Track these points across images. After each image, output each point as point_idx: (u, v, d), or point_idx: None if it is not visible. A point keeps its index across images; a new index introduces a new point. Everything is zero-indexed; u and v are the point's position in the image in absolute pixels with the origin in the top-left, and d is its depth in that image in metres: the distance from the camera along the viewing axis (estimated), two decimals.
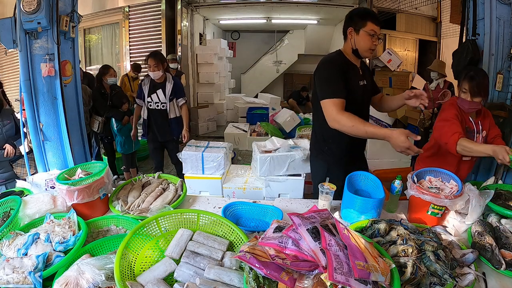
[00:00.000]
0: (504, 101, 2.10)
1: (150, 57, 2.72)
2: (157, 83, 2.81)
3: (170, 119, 2.90)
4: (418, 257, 0.98)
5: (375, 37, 1.47)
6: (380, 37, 1.49)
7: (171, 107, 2.86)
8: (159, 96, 2.82)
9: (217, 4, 5.93)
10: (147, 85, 2.82)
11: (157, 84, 2.81)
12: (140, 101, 2.91)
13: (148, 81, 2.83)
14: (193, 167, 2.77)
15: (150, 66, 2.71)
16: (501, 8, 2.01)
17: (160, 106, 2.84)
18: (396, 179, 1.46)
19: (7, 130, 2.49)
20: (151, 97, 2.82)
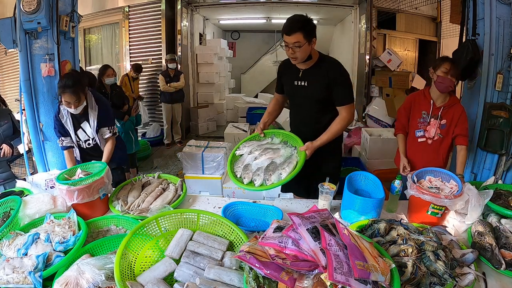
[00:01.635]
0: (504, 101, 2.10)
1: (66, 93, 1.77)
2: (77, 115, 1.94)
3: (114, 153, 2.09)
4: (418, 257, 0.98)
5: (287, 48, 1.53)
6: (290, 46, 1.52)
7: (101, 140, 2.06)
8: (86, 130, 2.01)
9: (217, 4, 5.93)
10: (67, 118, 1.93)
11: (79, 116, 1.96)
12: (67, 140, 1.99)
13: (66, 113, 1.92)
14: (193, 167, 2.78)
15: (68, 103, 1.80)
16: (501, 8, 2.01)
17: (91, 142, 2.04)
18: (396, 179, 1.46)
19: (4, 130, 2.49)
20: (77, 134, 1.99)
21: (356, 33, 5.64)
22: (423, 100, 1.93)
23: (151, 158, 4.72)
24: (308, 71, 1.65)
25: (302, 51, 1.52)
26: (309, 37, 1.50)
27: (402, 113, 2.02)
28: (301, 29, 1.48)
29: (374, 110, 5.05)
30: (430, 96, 1.91)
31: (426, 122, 1.91)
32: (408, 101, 2.01)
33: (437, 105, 1.88)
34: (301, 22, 1.50)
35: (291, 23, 1.50)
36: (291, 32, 1.49)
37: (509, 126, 2.04)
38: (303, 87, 1.68)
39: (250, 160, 1.57)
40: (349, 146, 4.41)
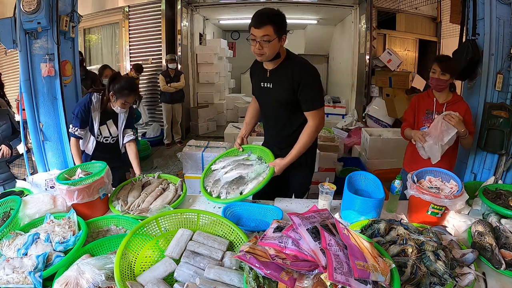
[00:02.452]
0: (504, 101, 2.10)
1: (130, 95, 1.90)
2: (108, 111, 2.00)
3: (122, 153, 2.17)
4: (418, 257, 0.98)
5: (254, 42, 1.39)
6: (258, 40, 1.36)
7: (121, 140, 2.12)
8: (110, 128, 2.05)
9: (217, 4, 5.93)
10: (97, 111, 1.96)
11: (108, 112, 2.01)
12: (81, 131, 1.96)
13: (98, 105, 1.96)
14: (193, 167, 2.78)
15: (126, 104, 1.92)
16: (501, 8, 2.01)
17: (110, 140, 2.08)
18: (396, 179, 1.46)
19: (3, 130, 2.49)
20: (100, 129, 2.01)
21: (356, 33, 5.64)
22: (427, 99, 1.99)
23: (151, 158, 4.72)
24: (275, 72, 1.52)
25: (270, 47, 1.38)
26: (279, 32, 1.38)
27: (409, 113, 2.07)
28: (272, 22, 1.35)
29: (374, 110, 5.05)
30: (433, 94, 1.97)
31: (430, 119, 1.94)
32: (413, 102, 2.06)
33: (440, 102, 1.93)
34: (272, 15, 1.37)
35: (261, 15, 1.37)
36: (260, 24, 1.35)
37: (509, 126, 2.04)
38: (268, 89, 1.55)
39: (221, 175, 1.54)
40: (349, 146, 4.41)
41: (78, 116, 1.93)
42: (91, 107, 1.94)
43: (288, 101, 1.51)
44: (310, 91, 1.47)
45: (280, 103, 1.55)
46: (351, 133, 4.59)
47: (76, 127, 1.94)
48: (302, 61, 1.52)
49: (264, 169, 1.58)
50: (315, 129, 1.52)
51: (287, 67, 1.49)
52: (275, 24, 1.36)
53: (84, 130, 1.98)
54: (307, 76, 1.47)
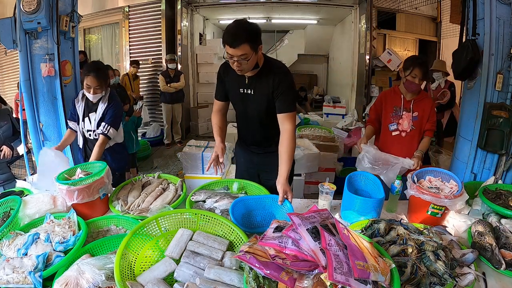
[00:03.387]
0: (504, 101, 2.10)
1: (91, 75, 1.88)
2: (90, 102, 2.00)
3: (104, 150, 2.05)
4: (418, 257, 0.98)
5: (232, 60, 1.37)
6: (236, 59, 1.34)
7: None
8: (91, 120, 2.03)
9: (217, 4, 5.93)
10: (81, 103, 2.00)
11: (90, 104, 2.01)
12: (72, 123, 2.05)
13: (81, 97, 2.01)
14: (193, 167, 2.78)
15: (89, 87, 1.90)
16: (501, 8, 2.01)
17: (93, 135, 2.05)
18: (396, 179, 1.46)
19: (4, 131, 2.49)
20: (84, 121, 2.03)
21: (356, 33, 5.64)
22: (394, 95, 2.03)
23: (151, 158, 4.72)
24: (255, 78, 1.50)
25: (249, 63, 1.37)
26: (255, 46, 1.35)
27: (372, 109, 2.12)
28: (247, 40, 1.31)
29: None
30: (400, 91, 2.01)
31: (398, 116, 1.98)
32: (378, 99, 2.10)
33: (407, 99, 1.97)
34: (247, 32, 1.32)
35: (235, 34, 1.32)
36: (235, 43, 1.30)
37: (509, 126, 2.04)
38: (249, 95, 1.55)
39: (211, 204, 1.46)
40: (349, 146, 4.41)
41: (70, 109, 2.06)
42: (75, 99, 2.03)
43: (270, 106, 1.53)
44: (285, 96, 1.48)
45: (261, 108, 1.56)
46: (351, 133, 4.59)
47: (69, 119, 2.07)
48: (279, 65, 1.53)
49: None
50: (294, 132, 1.52)
51: (267, 73, 1.49)
52: (250, 41, 1.32)
53: (74, 124, 2.06)
54: (285, 80, 1.49)
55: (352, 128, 4.85)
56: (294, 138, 1.52)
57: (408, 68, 1.91)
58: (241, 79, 1.53)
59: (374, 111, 2.10)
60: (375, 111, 2.09)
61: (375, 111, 2.09)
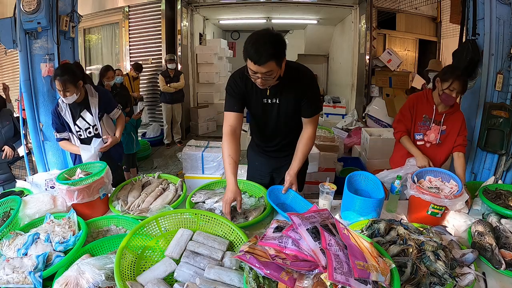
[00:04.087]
0: (504, 101, 2.10)
1: (57, 80, 1.85)
2: (76, 104, 1.98)
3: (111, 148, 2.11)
4: (418, 257, 0.98)
5: (255, 76, 1.28)
6: (259, 76, 1.25)
7: (102, 128, 2.10)
8: (86, 118, 2.03)
9: (217, 4, 5.93)
10: (66, 110, 1.97)
11: (77, 105, 1.99)
12: (63, 134, 2.04)
13: (65, 105, 1.97)
14: (193, 167, 2.78)
15: (60, 90, 1.87)
16: (501, 8, 2.01)
17: (93, 131, 2.06)
18: (396, 179, 1.46)
19: (6, 131, 2.49)
20: (77, 124, 2.02)
21: (356, 33, 5.64)
22: (426, 103, 1.88)
23: (151, 158, 4.72)
24: (278, 87, 1.42)
25: (274, 78, 1.30)
26: (281, 61, 1.27)
27: (406, 115, 1.93)
28: (274, 56, 1.21)
29: (374, 110, 5.06)
30: (433, 100, 1.86)
31: (426, 126, 1.87)
32: (411, 103, 1.93)
33: (439, 111, 1.85)
34: (273, 46, 1.21)
35: (261, 49, 1.20)
36: (261, 61, 1.21)
37: (509, 126, 2.04)
38: (274, 105, 1.47)
39: (211, 204, 1.45)
40: (349, 146, 4.42)
41: (53, 123, 2.01)
42: (60, 110, 1.97)
43: (295, 110, 1.49)
44: (313, 100, 1.47)
45: (287, 116, 1.51)
46: (351, 133, 4.59)
47: (56, 132, 2.03)
48: (303, 70, 1.46)
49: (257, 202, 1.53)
50: (313, 136, 1.52)
51: (291, 80, 1.41)
52: (277, 57, 1.23)
53: (64, 133, 2.04)
54: (313, 85, 1.47)
55: (352, 128, 4.86)
56: (314, 139, 1.54)
57: (447, 80, 1.73)
58: (263, 89, 1.43)
59: (408, 118, 1.91)
60: (409, 118, 1.91)
61: (409, 118, 1.91)
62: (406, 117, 1.93)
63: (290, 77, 1.40)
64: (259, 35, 1.23)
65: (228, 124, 1.48)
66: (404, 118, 1.94)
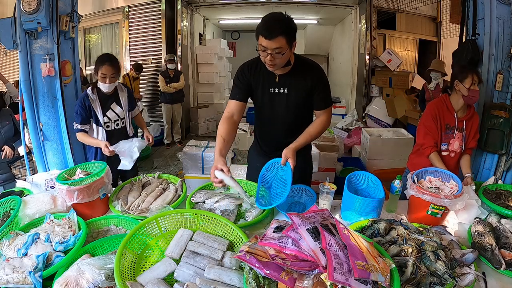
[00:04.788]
0: (504, 101, 2.11)
1: (106, 65, 1.93)
2: (107, 95, 2.06)
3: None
4: (418, 257, 0.98)
5: (265, 53, 1.30)
6: (269, 52, 1.27)
7: (128, 121, 2.20)
8: (115, 110, 2.10)
9: (217, 4, 5.93)
10: (96, 101, 2.02)
11: (108, 97, 2.07)
12: (85, 126, 2.04)
13: (95, 97, 2.02)
14: (193, 167, 2.78)
15: (105, 76, 1.94)
16: (501, 8, 2.01)
17: (120, 123, 2.13)
18: (396, 179, 1.46)
19: (6, 131, 2.49)
20: (107, 115, 2.06)
21: (356, 33, 5.65)
22: (447, 112, 1.82)
23: (151, 158, 4.72)
24: (287, 77, 1.45)
25: (283, 58, 1.32)
26: (291, 41, 1.30)
27: (432, 127, 1.82)
28: (284, 32, 1.26)
29: (374, 110, 5.06)
30: (452, 107, 1.81)
31: (450, 135, 1.82)
32: (433, 112, 1.83)
33: (458, 117, 1.82)
34: (284, 24, 1.27)
35: (273, 25, 1.26)
36: (272, 35, 1.25)
37: (509, 126, 2.04)
38: (282, 94, 1.49)
39: (211, 204, 1.45)
40: (349, 146, 4.42)
41: (78, 113, 2.00)
42: (89, 100, 2.00)
43: (304, 103, 1.50)
44: (324, 92, 1.50)
45: (296, 107, 1.51)
46: (351, 133, 4.59)
47: (77, 123, 2.01)
48: (313, 64, 1.50)
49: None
50: (326, 125, 1.52)
51: (301, 70, 1.44)
52: (287, 34, 1.27)
53: (86, 126, 2.04)
54: (322, 77, 1.49)
55: (352, 128, 4.86)
56: (325, 127, 1.52)
57: (467, 77, 1.70)
58: (271, 78, 1.46)
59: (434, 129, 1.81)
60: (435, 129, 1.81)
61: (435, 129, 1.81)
62: (432, 129, 1.82)
63: (300, 67, 1.43)
64: (272, 14, 1.31)
65: (227, 110, 1.54)
66: (431, 130, 1.83)
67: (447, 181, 1.42)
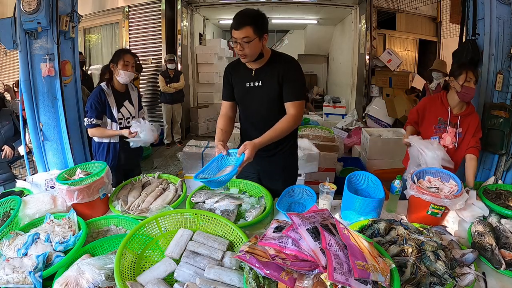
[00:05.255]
0: (504, 101, 2.11)
1: (128, 53, 2.03)
2: (120, 93, 2.08)
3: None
4: (418, 257, 0.98)
5: (236, 44, 1.41)
6: (239, 42, 1.39)
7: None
8: (128, 109, 2.11)
9: (217, 4, 5.93)
10: (111, 96, 2.02)
11: (121, 94, 2.09)
12: (100, 121, 2.01)
13: (110, 91, 2.02)
14: (193, 167, 2.78)
15: (127, 64, 2.01)
16: (501, 8, 2.01)
17: (131, 122, 2.12)
18: (396, 179, 1.46)
19: (6, 131, 2.49)
20: (121, 111, 2.06)
21: (356, 33, 5.65)
22: (440, 105, 1.86)
23: (151, 158, 4.72)
24: (262, 70, 1.53)
25: (251, 47, 1.40)
26: (259, 32, 1.39)
27: (413, 112, 1.97)
28: (251, 23, 1.37)
29: (374, 110, 5.06)
30: (447, 102, 1.84)
31: (442, 129, 1.84)
32: (422, 105, 1.94)
33: (454, 113, 1.83)
34: (252, 16, 1.40)
35: (240, 17, 1.39)
36: (239, 26, 1.37)
37: (509, 126, 2.04)
38: (257, 88, 1.55)
39: (211, 204, 1.45)
40: (349, 146, 4.42)
41: (93, 108, 1.98)
42: (105, 94, 2.01)
43: (278, 96, 1.52)
44: (293, 83, 1.50)
45: (270, 99, 1.54)
46: (351, 133, 4.59)
47: (92, 118, 1.98)
48: (288, 57, 1.56)
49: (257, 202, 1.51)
50: (295, 119, 1.49)
51: (274, 64, 1.52)
52: (254, 24, 1.37)
53: (100, 121, 2.03)
54: (292, 68, 1.51)
55: (352, 128, 4.86)
56: (292, 123, 1.48)
57: (461, 73, 1.74)
58: (247, 73, 1.54)
59: (415, 114, 1.95)
60: (416, 114, 1.95)
61: (416, 114, 1.95)
62: (414, 114, 1.96)
63: (275, 61, 1.52)
64: (243, 10, 1.41)
65: (221, 110, 1.70)
66: (411, 115, 1.98)
67: (446, 181, 1.42)
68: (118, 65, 2.01)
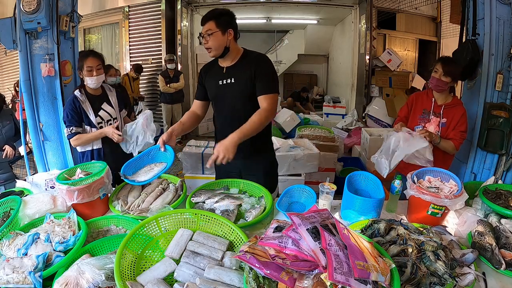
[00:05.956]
0: (504, 101, 2.10)
1: (90, 57, 1.87)
2: (95, 96, 1.97)
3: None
4: (418, 257, 0.98)
5: (203, 38, 1.54)
6: (203, 35, 1.53)
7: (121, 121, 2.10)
8: (107, 110, 2.00)
9: (217, 4, 5.93)
10: (86, 102, 1.92)
11: (97, 97, 1.98)
12: (79, 128, 1.91)
13: (84, 97, 1.92)
14: (193, 167, 2.78)
15: (91, 68, 1.86)
16: (501, 8, 2.01)
17: (113, 123, 2.02)
18: (396, 179, 1.46)
19: (7, 131, 2.50)
20: (99, 115, 1.96)
21: (356, 33, 5.65)
22: (425, 98, 1.97)
23: None
24: (233, 68, 1.60)
25: (214, 40, 1.51)
26: (222, 26, 1.50)
27: (403, 109, 2.08)
28: (213, 18, 1.50)
29: (374, 110, 5.06)
30: (432, 95, 1.94)
31: (426, 119, 1.93)
32: (410, 99, 2.05)
33: (438, 103, 1.90)
34: (215, 12, 1.52)
35: (206, 14, 1.53)
36: (204, 21, 1.52)
37: (509, 126, 2.04)
38: (229, 85, 1.60)
39: (211, 204, 1.45)
40: (349, 146, 4.42)
41: (69, 117, 1.89)
42: (79, 102, 1.90)
43: (251, 92, 1.56)
44: (264, 77, 1.55)
45: (243, 97, 1.58)
46: (351, 133, 4.59)
47: (71, 127, 1.89)
48: (259, 54, 1.63)
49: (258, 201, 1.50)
50: (267, 114, 1.50)
51: (245, 61, 1.58)
52: (216, 19, 1.49)
53: (81, 128, 1.93)
54: (263, 64, 1.57)
55: (352, 128, 4.86)
56: (265, 117, 1.49)
57: (434, 64, 1.88)
58: (219, 71, 1.63)
59: (404, 110, 2.07)
60: (406, 111, 2.06)
61: (406, 111, 2.06)
62: (403, 111, 2.07)
63: (246, 58, 1.59)
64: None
65: (191, 108, 1.78)
66: (401, 112, 2.08)
67: (446, 180, 1.42)
68: (83, 72, 1.89)
